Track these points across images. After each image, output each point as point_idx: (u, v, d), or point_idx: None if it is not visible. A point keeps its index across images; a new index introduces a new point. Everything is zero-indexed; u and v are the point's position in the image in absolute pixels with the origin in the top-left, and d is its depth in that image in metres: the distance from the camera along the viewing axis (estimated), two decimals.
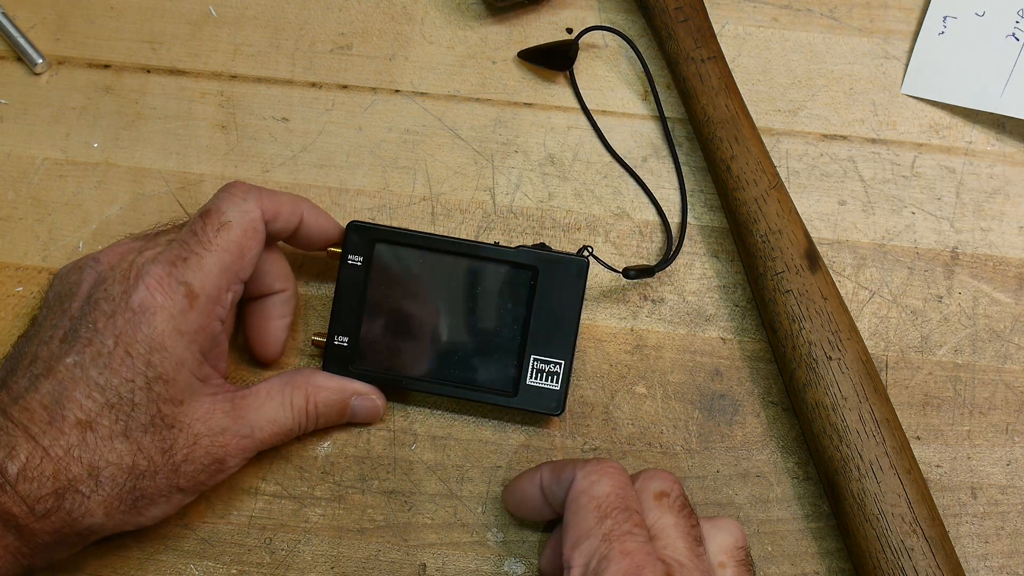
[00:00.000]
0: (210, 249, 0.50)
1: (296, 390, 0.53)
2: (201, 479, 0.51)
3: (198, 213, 0.52)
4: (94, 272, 0.51)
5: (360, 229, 0.55)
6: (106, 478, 0.48)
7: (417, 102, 0.63)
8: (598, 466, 0.47)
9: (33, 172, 0.61)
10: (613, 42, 0.64)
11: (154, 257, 0.50)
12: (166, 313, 0.49)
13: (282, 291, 0.56)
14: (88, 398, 0.48)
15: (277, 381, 0.53)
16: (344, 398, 0.55)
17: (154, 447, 0.49)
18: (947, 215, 0.61)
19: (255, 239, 0.52)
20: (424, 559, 0.54)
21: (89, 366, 0.48)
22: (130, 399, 0.48)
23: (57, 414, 0.47)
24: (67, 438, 0.47)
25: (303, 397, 0.53)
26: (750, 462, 0.56)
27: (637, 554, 0.44)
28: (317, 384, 0.54)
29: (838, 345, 0.54)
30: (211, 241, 0.50)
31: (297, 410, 0.53)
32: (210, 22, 0.64)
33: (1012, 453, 0.56)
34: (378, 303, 0.55)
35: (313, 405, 0.54)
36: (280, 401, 0.53)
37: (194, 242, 0.50)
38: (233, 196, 0.52)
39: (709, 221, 0.60)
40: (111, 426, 0.48)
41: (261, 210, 0.52)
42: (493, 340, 0.55)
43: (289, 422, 0.53)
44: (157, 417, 0.49)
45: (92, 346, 0.48)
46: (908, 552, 0.50)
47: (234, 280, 0.51)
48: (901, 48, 0.64)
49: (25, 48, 0.63)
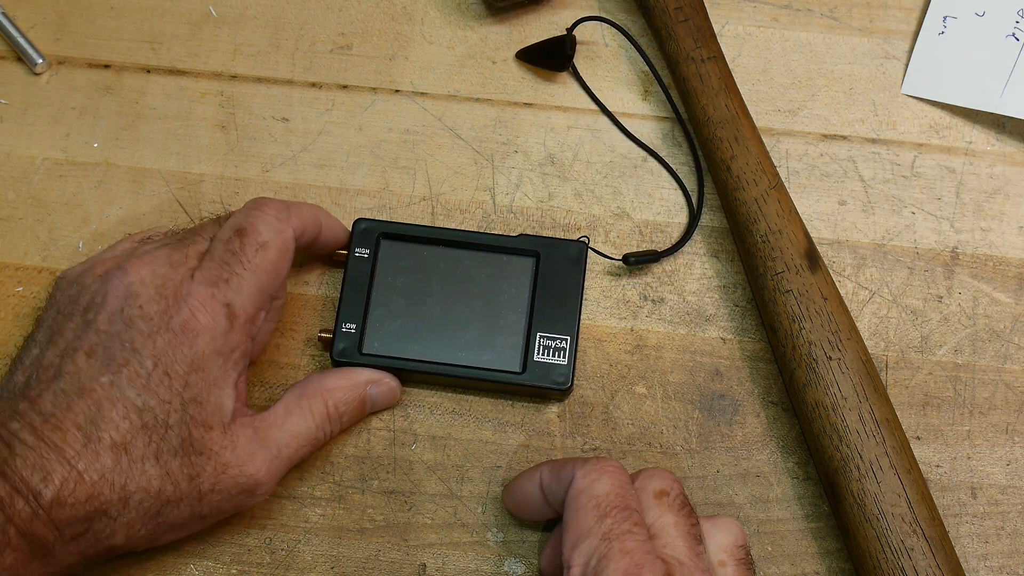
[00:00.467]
0: (249, 269, 0.50)
1: (313, 399, 0.53)
2: (225, 508, 0.50)
3: (232, 231, 0.51)
4: (122, 285, 0.49)
5: (366, 223, 0.57)
6: (135, 502, 0.47)
7: (417, 102, 0.63)
8: (597, 465, 0.47)
9: (33, 172, 0.61)
10: (613, 42, 0.64)
11: (191, 276, 0.49)
12: (208, 335, 0.48)
13: (277, 299, 0.55)
14: (125, 419, 0.47)
15: (291, 395, 0.53)
16: (360, 391, 0.54)
17: (181, 473, 0.48)
18: (947, 215, 0.61)
19: (288, 259, 0.52)
20: (424, 559, 0.54)
21: (126, 387, 0.47)
22: (164, 420, 0.47)
23: (93, 435, 0.46)
24: (102, 461, 0.46)
25: (321, 403, 0.53)
26: (750, 462, 0.56)
27: (637, 553, 0.44)
28: (330, 387, 0.54)
29: (838, 345, 0.54)
30: (250, 261, 0.50)
31: (319, 417, 0.53)
32: (210, 22, 0.64)
33: (1012, 453, 0.56)
34: (385, 292, 0.56)
35: (333, 407, 0.53)
36: (300, 414, 0.52)
37: (234, 262, 0.50)
38: (267, 215, 0.52)
39: (709, 221, 0.60)
40: (144, 448, 0.47)
41: (293, 229, 0.52)
42: (499, 322, 0.56)
43: (314, 431, 0.53)
44: (187, 442, 0.48)
45: (130, 367, 0.47)
46: (908, 552, 0.50)
47: (268, 300, 0.51)
48: (901, 48, 0.64)
49: (25, 48, 0.63)
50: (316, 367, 0.58)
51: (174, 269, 0.50)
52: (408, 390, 0.57)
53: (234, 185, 0.61)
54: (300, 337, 0.58)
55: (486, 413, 0.57)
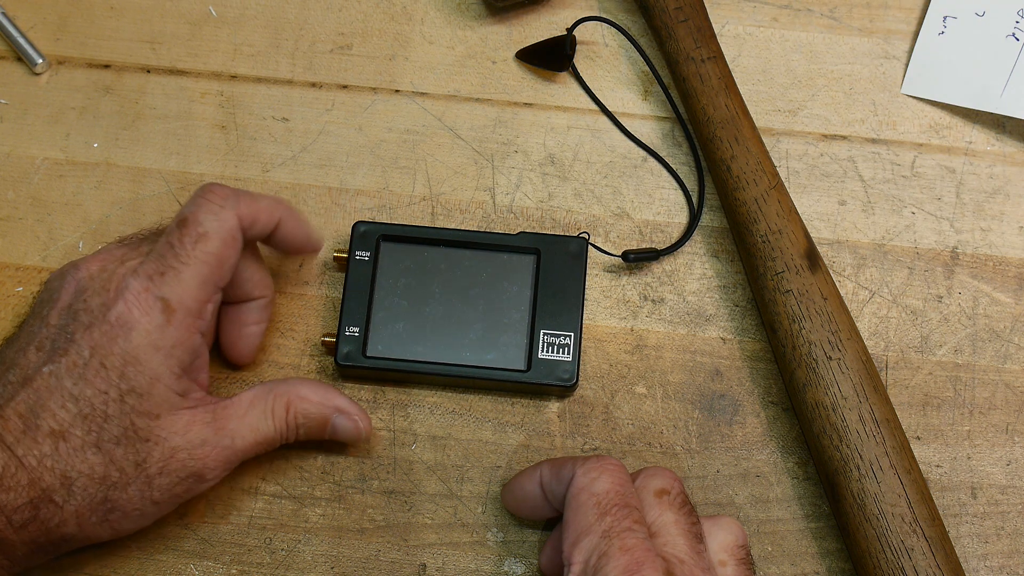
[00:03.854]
0: (187, 262, 0.49)
1: (278, 398, 0.52)
2: (177, 492, 0.50)
3: (175, 222, 0.51)
4: (74, 281, 0.50)
5: (366, 226, 0.57)
6: (78, 488, 0.47)
7: (417, 102, 0.63)
8: (598, 463, 0.47)
9: (33, 172, 0.61)
10: (613, 42, 0.64)
11: (134, 270, 0.49)
12: (142, 328, 0.48)
13: (260, 297, 0.55)
14: (62, 408, 0.47)
15: (260, 389, 0.53)
16: (326, 412, 0.53)
17: (127, 459, 0.48)
18: (947, 215, 0.61)
19: (233, 248, 0.51)
20: (424, 559, 0.54)
21: (64, 376, 0.48)
22: (103, 411, 0.48)
23: (31, 423, 0.47)
24: (40, 447, 0.47)
25: (284, 406, 0.52)
26: (750, 462, 0.56)
27: (637, 550, 0.44)
28: (300, 394, 0.53)
29: (838, 345, 0.54)
30: (188, 253, 0.49)
31: (278, 419, 0.52)
32: (210, 22, 0.64)
33: (1012, 453, 0.56)
34: (387, 294, 0.57)
35: (293, 416, 0.53)
36: (262, 409, 0.52)
37: (171, 255, 0.49)
38: (210, 203, 0.51)
39: (709, 221, 0.60)
40: (83, 437, 0.47)
41: (239, 217, 0.51)
42: (502, 321, 0.56)
43: (271, 431, 0.52)
44: (130, 430, 0.48)
45: (68, 356, 0.48)
46: (908, 552, 0.50)
47: (213, 291, 0.51)
48: (901, 48, 0.64)
49: (25, 48, 0.63)
50: (317, 368, 0.58)
51: (122, 264, 0.50)
52: (408, 390, 0.57)
53: (234, 185, 0.60)
54: (300, 337, 0.58)
55: (486, 413, 0.57)
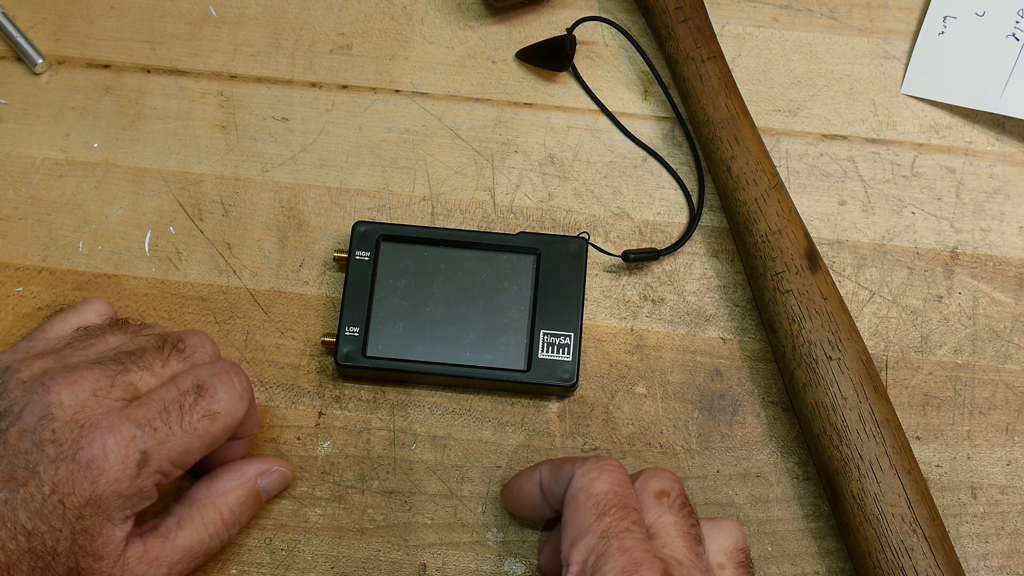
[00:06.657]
0: (187, 431, 0.48)
1: (203, 508, 0.51)
2: None
3: (194, 384, 0.49)
4: (41, 404, 0.47)
5: (366, 226, 0.57)
6: None
7: (417, 102, 0.63)
8: (597, 463, 0.47)
9: (33, 172, 0.61)
10: (613, 42, 0.64)
11: (121, 411, 0.48)
12: (112, 476, 0.46)
13: (248, 436, 0.54)
14: (12, 540, 0.46)
15: (182, 506, 0.52)
16: (251, 486, 0.53)
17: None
18: (947, 215, 0.61)
19: (227, 434, 0.50)
20: (424, 559, 0.54)
21: (19, 508, 0.46)
22: (53, 548, 0.46)
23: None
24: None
25: (214, 512, 0.52)
26: (750, 462, 0.56)
27: (635, 551, 0.44)
28: (220, 492, 0.52)
29: (838, 345, 0.54)
30: (192, 425, 0.48)
31: (213, 527, 0.51)
32: (210, 22, 0.64)
33: (1012, 453, 0.56)
34: (386, 294, 0.57)
35: (228, 512, 0.52)
36: (192, 526, 0.51)
37: (175, 417, 0.48)
38: (233, 387, 0.50)
39: (709, 221, 0.60)
40: (28, 572, 0.46)
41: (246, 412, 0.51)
42: (502, 321, 0.56)
43: (207, 543, 0.51)
44: (74, 571, 0.47)
45: (27, 488, 0.46)
46: (908, 552, 0.50)
47: (188, 464, 0.49)
48: (901, 48, 0.64)
49: (25, 48, 0.63)
50: (317, 368, 0.58)
51: (96, 398, 0.48)
52: (408, 390, 0.57)
53: (234, 185, 0.61)
54: (300, 338, 0.58)
55: (486, 413, 0.57)
